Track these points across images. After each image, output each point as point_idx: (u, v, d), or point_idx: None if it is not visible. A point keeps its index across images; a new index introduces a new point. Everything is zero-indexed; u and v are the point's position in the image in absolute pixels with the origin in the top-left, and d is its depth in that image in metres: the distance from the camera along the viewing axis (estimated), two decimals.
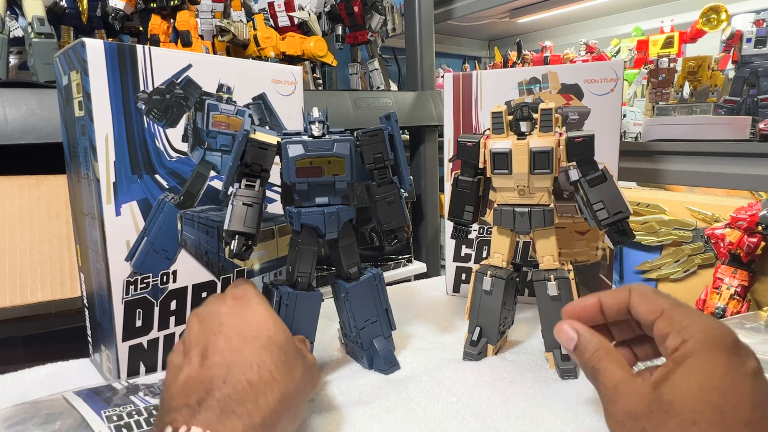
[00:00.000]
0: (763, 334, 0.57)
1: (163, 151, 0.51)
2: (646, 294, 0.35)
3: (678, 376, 0.30)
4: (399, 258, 1.12)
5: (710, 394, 0.28)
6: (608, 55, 1.38)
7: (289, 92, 0.60)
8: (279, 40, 1.01)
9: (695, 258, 1.15)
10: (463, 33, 1.99)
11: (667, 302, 0.34)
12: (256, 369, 0.32)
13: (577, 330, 0.36)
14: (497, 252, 0.55)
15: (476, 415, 0.43)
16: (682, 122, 0.94)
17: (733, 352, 0.30)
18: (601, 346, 0.35)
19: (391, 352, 0.53)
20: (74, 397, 0.42)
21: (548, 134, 0.50)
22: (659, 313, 0.34)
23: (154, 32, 0.90)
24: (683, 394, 0.29)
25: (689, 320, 0.32)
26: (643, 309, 0.35)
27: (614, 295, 0.37)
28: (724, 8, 0.99)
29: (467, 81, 0.70)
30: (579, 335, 0.36)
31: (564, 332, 0.37)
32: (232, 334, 0.34)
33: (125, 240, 0.48)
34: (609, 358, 0.34)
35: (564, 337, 0.37)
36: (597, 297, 0.38)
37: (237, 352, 0.33)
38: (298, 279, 0.49)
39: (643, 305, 0.35)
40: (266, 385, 0.32)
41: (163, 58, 0.49)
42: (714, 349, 0.30)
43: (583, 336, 0.36)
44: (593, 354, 0.34)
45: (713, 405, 0.28)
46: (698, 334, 0.31)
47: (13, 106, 0.66)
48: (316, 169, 0.46)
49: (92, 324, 0.54)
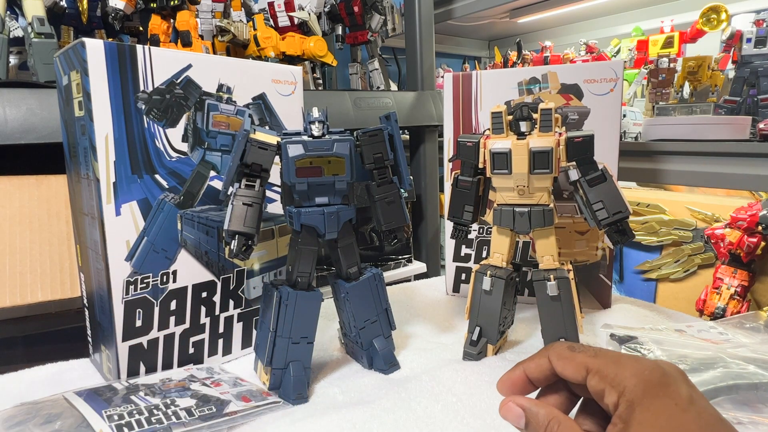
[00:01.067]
0: (763, 334, 0.57)
1: (163, 151, 0.51)
2: (563, 355, 0.33)
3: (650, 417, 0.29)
4: (399, 258, 1.12)
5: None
6: (608, 55, 1.38)
7: (289, 92, 0.60)
8: (279, 40, 1.01)
9: (695, 258, 1.15)
10: (463, 33, 1.99)
11: (587, 356, 0.32)
12: None
13: (521, 405, 0.34)
14: (497, 252, 0.55)
15: (476, 415, 0.44)
16: (682, 122, 0.94)
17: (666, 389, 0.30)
18: (552, 417, 0.33)
19: (391, 352, 0.53)
20: (75, 397, 0.42)
21: (548, 134, 0.50)
22: (585, 371, 0.32)
23: (154, 32, 0.90)
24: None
25: (616, 369, 0.31)
26: (568, 372, 0.33)
27: (536, 365, 0.35)
28: (724, 8, 0.99)
29: (467, 81, 0.71)
30: (525, 410, 0.34)
31: (510, 411, 0.35)
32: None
33: (125, 240, 0.48)
34: (563, 429, 0.32)
35: (511, 416, 0.35)
36: (522, 368, 0.36)
37: None
38: (298, 279, 0.49)
39: (567, 368, 0.33)
40: None
41: (163, 58, 0.49)
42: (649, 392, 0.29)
43: (529, 410, 0.34)
44: (546, 429, 0.33)
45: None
46: (630, 382, 0.30)
47: (13, 106, 0.66)
48: (316, 169, 0.46)
49: (92, 324, 0.54)
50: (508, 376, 0.37)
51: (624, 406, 0.30)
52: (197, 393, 0.45)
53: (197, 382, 0.48)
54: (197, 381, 0.48)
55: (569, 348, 0.34)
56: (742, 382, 0.45)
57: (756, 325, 0.60)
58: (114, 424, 0.38)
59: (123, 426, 0.38)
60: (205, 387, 0.47)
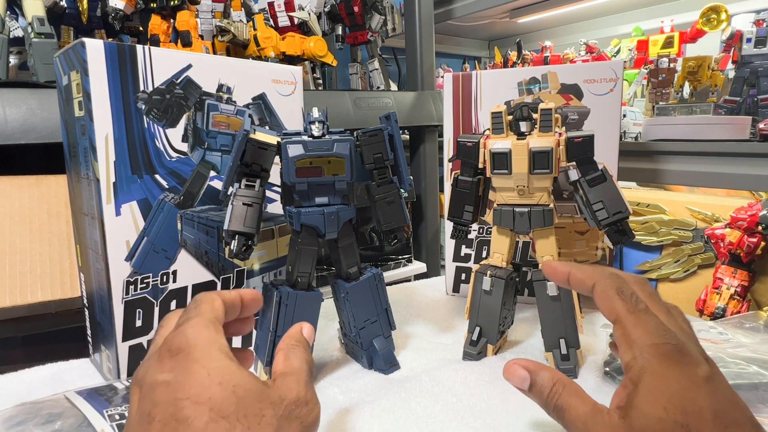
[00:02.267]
0: (762, 334, 0.57)
1: (163, 151, 0.51)
2: (606, 294, 0.34)
3: (641, 400, 0.29)
4: (399, 258, 1.12)
5: (674, 414, 0.28)
6: (608, 55, 1.38)
7: (289, 92, 0.60)
8: (279, 40, 1.01)
9: (695, 258, 1.15)
10: (463, 33, 1.99)
11: (624, 307, 0.33)
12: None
13: (527, 368, 0.35)
14: (497, 252, 0.55)
15: (476, 415, 0.44)
16: (682, 122, 0.94)
17: (683, 362, 0.30)
18: (557, 380, 0.34)
19: (391, 352, 0.53)
20: (76, 397, 0.42)
21: (548, 134, 0.50)
22: (615, 317, 0.33)
23: (154, 32, 0.90)
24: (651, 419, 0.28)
25: (639, 332, 0.31)
26: (603, 308, 0.34)
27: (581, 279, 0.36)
28: (724, 8, 0.99)
29: (467, 81, 0.71)
30: (530, 372, 0.35)
31: (515, 373, 0.35)
32: (167, 420, 0.27)
33: (125, 240, 0.49)
34: (568, 392, 0.33)
35: (516, 378, 0.35)
36: (569, 269, 0.37)
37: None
38: (297, 279, 0.49)
39: (603, 305, 0.34)
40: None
41: (163, 58, 0.49)
42: (664, 363, 0.30)
43: (534, 373, 0.35)
44: (551, 391, 0.33)
45: (680, 425, 0.28)
46: (646, 350, 0.30)
47: (13, 106, 0.66)
48: (316, 169, 0.46)
49: (92, 324, 0.54)
50: (557, 263, 0.39)
51: (636, 369, 0.30)
52: None
53: None
54: None
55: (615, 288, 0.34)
56: (742, 382, 0.45)
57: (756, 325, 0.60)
58: (115, 424, 0.38)
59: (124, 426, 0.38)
60: None
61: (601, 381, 0.49)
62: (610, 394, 0.32)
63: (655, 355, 0.30)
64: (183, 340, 0.30)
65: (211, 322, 0.32)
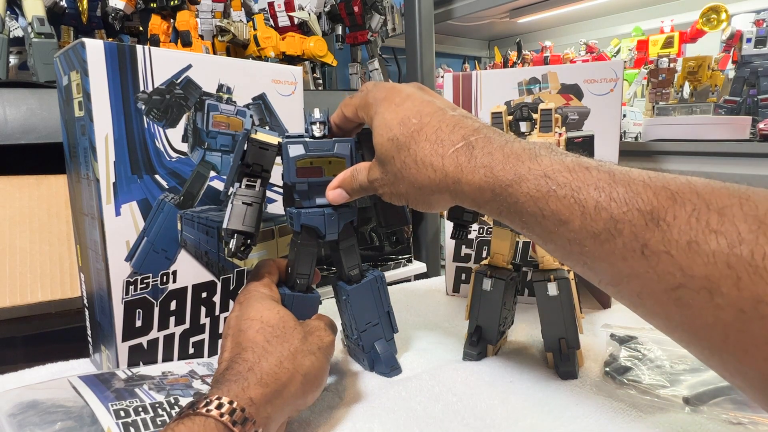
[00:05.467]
0: None
1: (163, 151, 0.51)
2: (345, 102, 0.44)
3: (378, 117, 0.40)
4: (399, 258, 1.12)
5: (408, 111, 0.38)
6: (608, 55, 1.38)
7: (289, 92, 0.60)
8: (279, 40, 1.01)
9: None
10: (463, 33, 1.99)
11: (357, 100, 0.43)
12: (249, 348, 0.40)
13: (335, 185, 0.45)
14: (497, 252, 0.55)
15: (476, 415, 0.44)
16: (682, 122, 0.94)
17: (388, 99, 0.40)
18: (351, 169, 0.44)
19: (393, 356, 0.53)
20: (79, 382, 0.42)
21: (548, 134, 0.50)
22: (355, 110, 0.43)
23: (154, 32, 0.90)
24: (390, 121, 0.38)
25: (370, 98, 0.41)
26: (349, 113, 0.44)
27: (335, 116, 0.46)
28: (724, 8, 0.99)
29: (467, 81, 0.71)
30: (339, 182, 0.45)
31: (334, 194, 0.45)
32: (235, 332, 0.42)
33: (125, 240, 0.48)
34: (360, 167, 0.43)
35: (334, 196, 0.45)
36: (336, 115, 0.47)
37: (237, 344, 0.41)
38: (296, 280, 0.49)
39: (348, 110, 0.44)
40: (260, 356, 0.39)
41: (163, 58, 0.49)
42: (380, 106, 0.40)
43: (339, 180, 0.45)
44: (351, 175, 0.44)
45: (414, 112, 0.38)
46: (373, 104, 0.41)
47: (13, 106, 0.66)
48: (317, 170, 0.46)
49: (92, 324, 0.54)
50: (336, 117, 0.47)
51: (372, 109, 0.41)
52: (199, 393, 0.45)
53: (198, 380, 0.47)
54: (198, 378, 0.48)
55: (349, 96, 0.45)
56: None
57: None
58: (121, 422, 0.38)
59: (129, 425, 0.38)
60: (207, 386, 0.47)
61: (601, 381, 0.49)
62: (610, 394, 0.32)
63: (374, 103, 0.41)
64: (246, 293, 0.46)
65: (265, 281, 0.48)
